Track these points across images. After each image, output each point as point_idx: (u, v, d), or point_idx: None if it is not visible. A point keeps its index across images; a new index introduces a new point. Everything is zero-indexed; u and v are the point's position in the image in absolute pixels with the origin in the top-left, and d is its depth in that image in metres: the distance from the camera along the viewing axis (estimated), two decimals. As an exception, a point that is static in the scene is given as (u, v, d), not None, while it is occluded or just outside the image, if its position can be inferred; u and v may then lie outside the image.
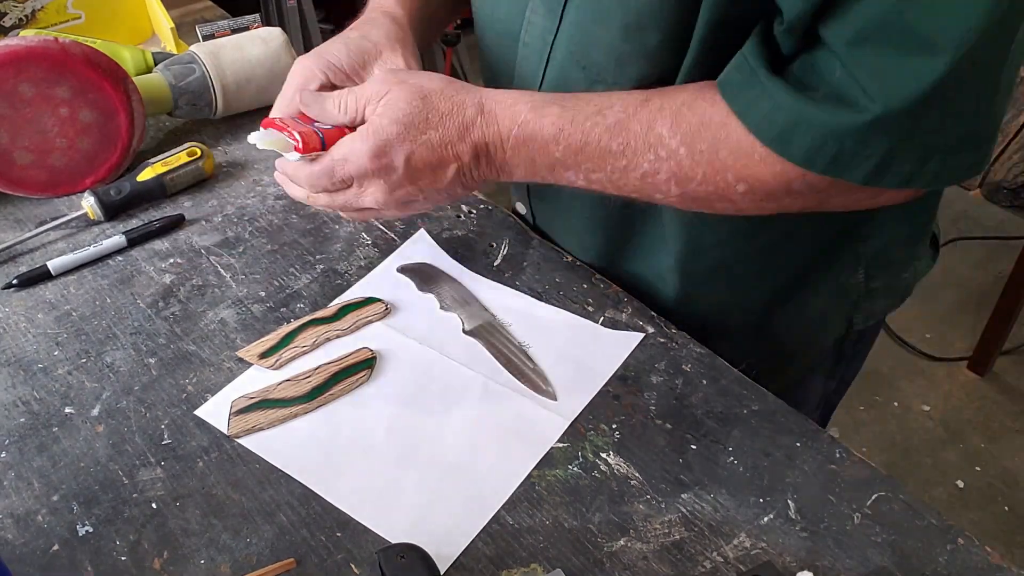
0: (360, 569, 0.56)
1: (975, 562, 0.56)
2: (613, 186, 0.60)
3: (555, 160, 0.60)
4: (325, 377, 0.67)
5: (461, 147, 0.61)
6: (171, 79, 0.90)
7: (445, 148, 0.60)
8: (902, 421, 1.91)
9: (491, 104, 0.61)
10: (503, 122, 0.60)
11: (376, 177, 0.61)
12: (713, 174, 0.56)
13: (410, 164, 0.60)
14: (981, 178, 2.45)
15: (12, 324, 0.72)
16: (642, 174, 0.58)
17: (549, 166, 0.61)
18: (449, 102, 0.60)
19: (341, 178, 0.62)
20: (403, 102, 0.60)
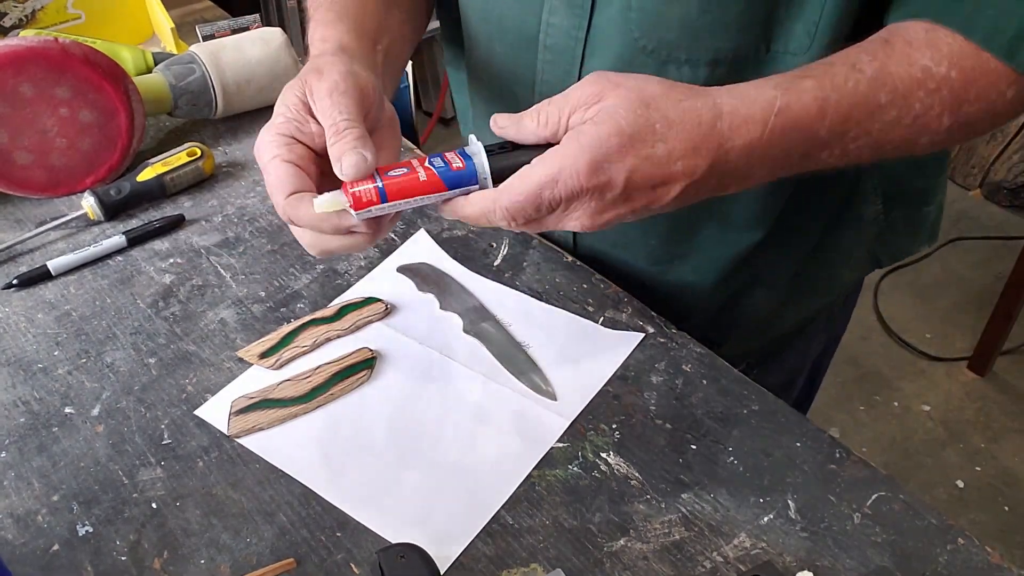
0: (360, 569, 0.56)
1: (975, 562, 0.56)
2: (874, 149, 0.54)
3: (818, 141, 0.53)
4: (325, 377, 0.67)
5: (694, 162, 0.51)
6: (171, 79, 0.90)
7: (674, 164, 0.50)
8: (902, 421, 1.91)
9: (731, 101, 0.51)
10: (753, 119, 0.51)
11: (589, 198, 0.51)
12: (986, 87, 0.52)
13: (631, 182, 0.50)
14: (981, 178, 2.45)
15: (12, 324, 0.72)
16: (914, 117, 0.52)
17: (805, 152, 0.53)
18: (679, 109, 0.51)
19: (549, 202, 0.51)
20: (623, 109, 0.50)
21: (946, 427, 1.89)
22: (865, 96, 0.52)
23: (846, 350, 2.06)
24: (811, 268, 0.79)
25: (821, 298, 0.84)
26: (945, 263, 2.28)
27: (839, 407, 1.94)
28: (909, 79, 0.52)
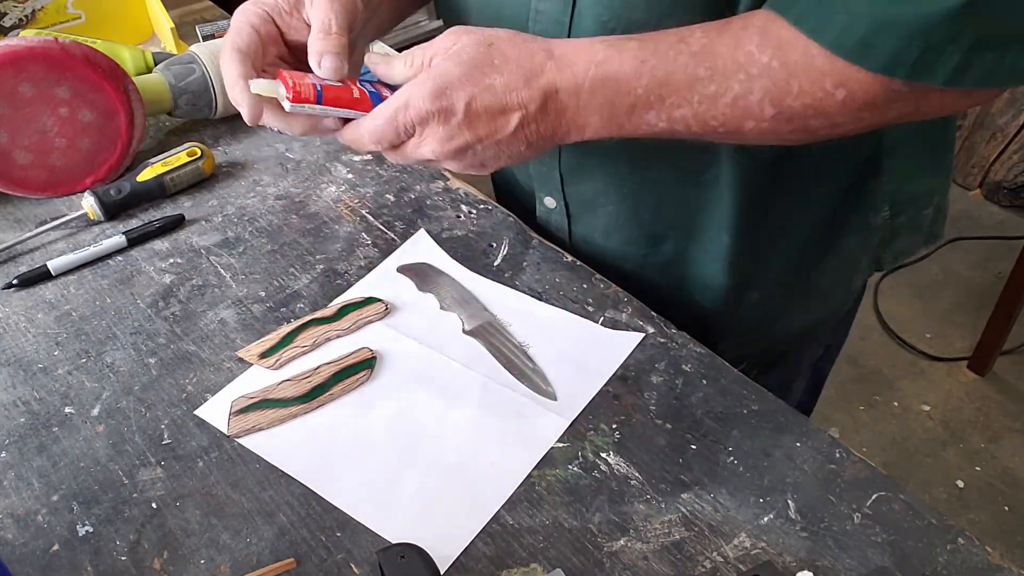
0: (360, 569, 0.56)
1: (975, 562, 0.56)
2: (698, 122, 0.56)
3: (636, 99, 0.56)
4: (325, 377, 0.67)
5: (527, 93, 0.56)
6: (171, 79, 0.90)
7: (509, 94, 0.56)
8: (902, 421, 1.91)
9: (563, 48, 0.57)
10: (578, 64, 0.56)
11: (436, 122, 0.57)
12: (810, 84, 0.53)
13: (470, 109, 0.56)
14: (981, 178, 2.45)
15: (12, 324, 0.72)
16: (733, 98, 0.55)
17: (629, 108, 0.57)
18: (517, 48, 0.57)
19: (404, 125, 0.58)
20: (469, 47, 0.57)
21: (946, 427, 1.89)
22: (685, 66, 0.55)
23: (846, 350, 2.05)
24: (815, 274, 0.79)
25: (827, 304, 0.84)
26: (945, 263, 2.28)
27: (839, 407, 1.94)
28: (732, 60, 0.54)
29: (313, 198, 0.85)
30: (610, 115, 0.58)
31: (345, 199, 0.85)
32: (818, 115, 0.54)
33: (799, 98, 0.54)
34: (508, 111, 0.57)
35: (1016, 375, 2.00)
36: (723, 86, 0.55)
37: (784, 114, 0.55)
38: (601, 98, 0.57)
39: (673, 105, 0.56)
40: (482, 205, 0.84)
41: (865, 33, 0.50)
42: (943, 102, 0.54)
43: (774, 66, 0.53)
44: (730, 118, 0.56)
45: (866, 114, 0.54)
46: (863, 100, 0.53)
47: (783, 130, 0.56)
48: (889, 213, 0.76)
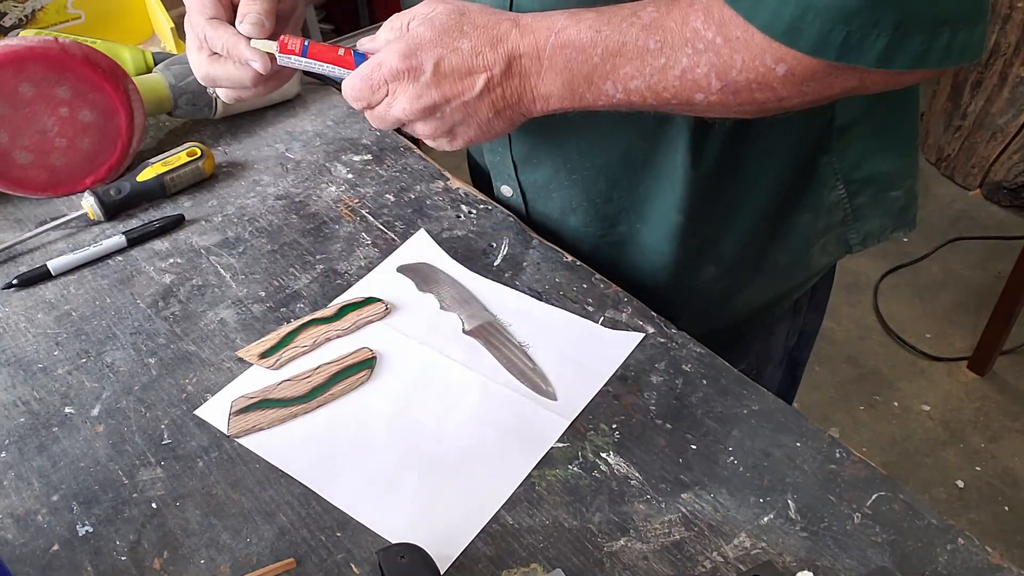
0: (360, 569, 0.56)
1: (975, 562, 0.56)
2: (652, 93, 0.60)
3: (593, 67, 0.60)
4: (325, 377, 0.67)
5: (492, 56, 0.61)
6: (171, 79, 0.90)
7: (475, 56, 0.61)
8: (902, 421, 1.91)
9: (527, 18, 0.61)
10: (539, 31, 0.60)
11: (406, 80, 0.62)
12: (751, 59, 0.56)
13: (439, 69, 0.61)
14: (981, 178, 2.45)
15: (12, 324, 0.72)
16: (681, 71, 0.58)
17: (587, 76, 0.60)
18: (486, 16, 0.61)
19: (377, 82, 0.62)
20: (442, 14, 0.61)
21: (946, 427, 1.89)
22: (636, 38, 0.59)
23: (846, 350, 2.07)
24: (771, 250, 0.80)
25: (787, 281, 0.86)
26: (945, 263, 2.28)
27: (839, 407, 1.94)
28: (679, 35, 0.58)
29: (313, 198, 0.85)
30: (570, 82, 0.61)
31: (345, 199, 0.85)
32: (762, 88, 0.57)
33: (743, 72, 0.57)
34: (474, 72, 0.61)
35: (1016, 375, 2.00)
36: (672, 59, 0.58)
37: (730, 87, 0.57)
38: (561, 63, 0.60)
39: (627, 76, 0.60)
40: (482, 205, 0.84)
41: (792, 16, 0.53)
42: (887, 78, 0.56)
43: (718, 42, 0.56)
44: (680, 90, 0.59)
45: (809, 88, 0.57)
46: (803, 75, 0.56)
47: (731, 103, 0.59)
48: (845, 192, 0.78)
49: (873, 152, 0.76)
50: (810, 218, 0.79)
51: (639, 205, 0.77)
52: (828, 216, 0.79)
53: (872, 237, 0.83)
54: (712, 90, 0.58)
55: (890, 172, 0.79)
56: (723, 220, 0.77)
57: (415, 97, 0.62)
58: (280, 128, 0.95)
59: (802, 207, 0.78)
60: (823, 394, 1.96)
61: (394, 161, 0.90)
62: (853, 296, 2.18)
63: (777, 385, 0.96)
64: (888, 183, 0.79)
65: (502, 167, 0.81)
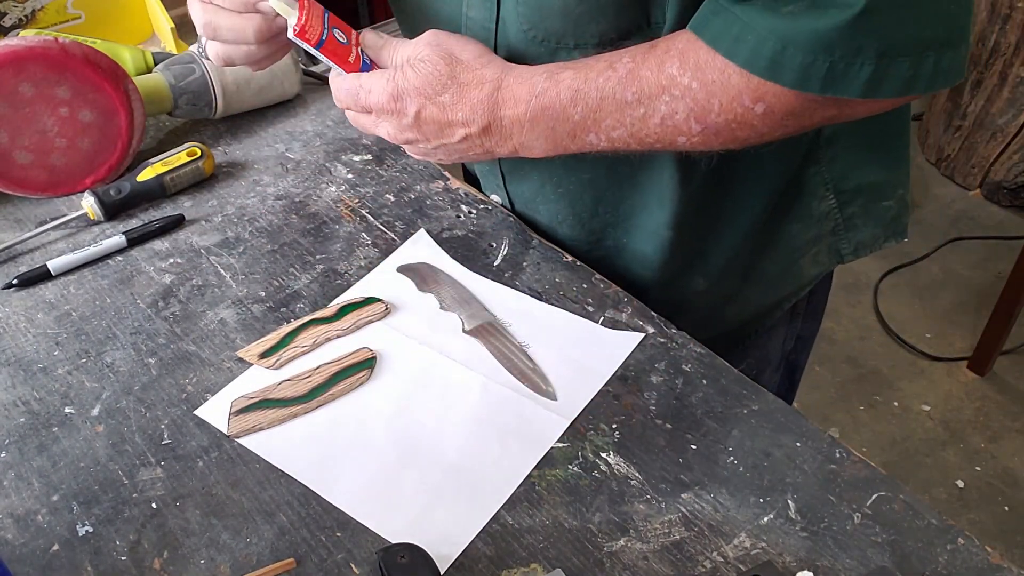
0: (360, 569, 0.56)
1: (975, 562, 0.56)
2: (635, 139, 0.61)
3: (575, 124, 0.62)
4: (325, 377, 0.67)
5: (472, 117, 0.63)
6: (171, 79, 0.90)
7: (455, 112, 0.63)
8: (902, 421, 1.91)
9: (509, 81, 0.63)
10: (520, 98, 0.62)
11: (390, 115, 0.65)
12: (729, 101, 0.56)
13: (420, 117, 0.64)
14: (981, 178, 2.45)
15: (12, 324, 0.72)
16: (661, 118, 0.59)
17: (570, 133, 0.62)
18: (471, 75, 0.63)
19: (362, 105, 0.66)
20: (430, 63, 0.63)
21: (946, 427, 1.89)
22: (614, 91, 0.60)
23: (846, 350, 2.07)
24: (760, 260, 0.80)
25: (778, 291, 0.85)
26: (945, 263, 2.28)
27: (839, 407, 1.94)
28: (656, 83, 0.58)
29: (313, 198, 0.85)
30: (552, 139, 0.63)
31: (345, 199, 0.85)
32: (743, 127, 0.58)
33: (721, 114, 0.57)
34: (453, 125, 0.64)
35: (1016, 375, 2.00)
36: (650, 108, 0.59)
37: (710, 129, 0.58)
38: (542, 126, 0.63)
39: (609, 127, 0.61)
40: (482, 205, 0.84)
41: (773, 51, 0.53)
42: (867, 105, 0.56)
43: (694, 87, 0.57)
44: (662, 135, 0.60)
45: (790, 122, 0.57)
46: (783, 112, 0.56)
47: (714, 142, 0.60)
48: (836, 202, 0.78)
49: (863, 162, 0.76)
50: (799, 228, 0.79)
51: (625, 220, 0.77)
52: (818, 226, 0.79)
53: (864, 247, 0.83)
54: (693, 133, 0.59)
55: (880, 182, 0.79)
56: (712, 232, 0.77)
57: (397, 131, 0.66)
58: (280, 128, 0.95)
59: (791, 217, 0.78)
60: (823, 394, 1.96)
61: (394, 161, 0.90)
62: (853, 296, 2.18)
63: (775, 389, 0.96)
64: (879, 193, 0.79)
65: (491, 176, 0.82)
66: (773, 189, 0.75)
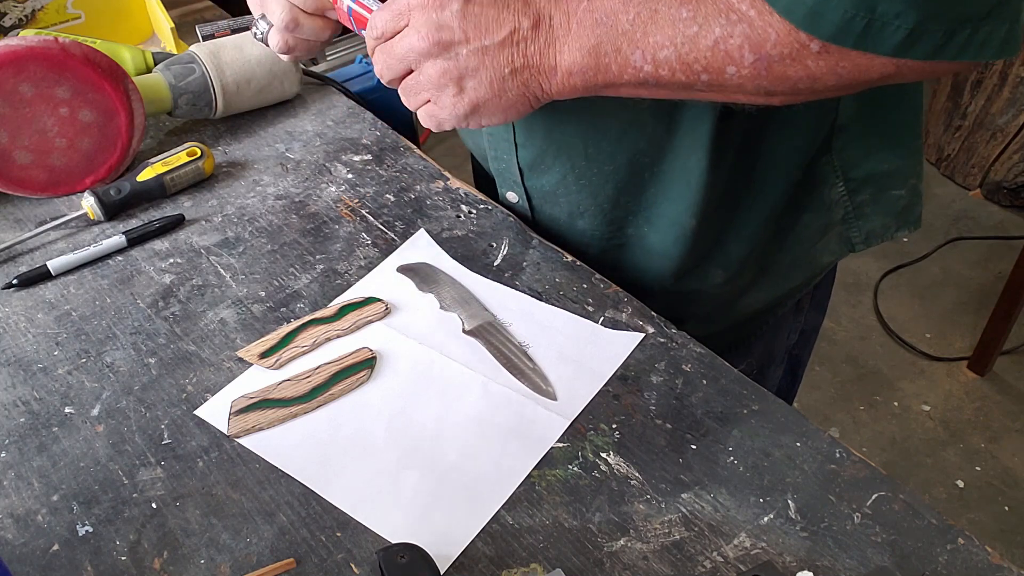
0: (360, 569, 0.56)
1: (975, 562, 0.56)
2: (682, 65, 0.57)
3: (622, 33, 0.58)
4: (325, 377, 0.67)
5: (523, 9, 0.59)
6: (171, 79, 0.90)
7: (506, 6, 0.59)
8: (902, 421, 1.91)
9: None
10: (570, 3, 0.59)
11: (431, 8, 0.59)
12: (786, 33, 0.54)
13: (467, 5, 0.59)
14: (981, 178, 2.45)
15: (12, 324, 0.72)
16: (714, 40, 0.56)
17: (615, 42, 0.58)
18: None
19: (402, 9, 0.60)
20: None
21: (946, 427, 1.89)
22: (669, 5, 0.57)
23: (846, 350, 2.07)
24: (774, 250, 0.80)
25: (790, 280, 0.86)
26: (945, 263, 2.28)
27: (839, 407, 1.94)
28: (713, 5, 0.56)
29: (313, 198, 0.85)
30: (596, 48, 0.58)
31: (345, 199, 0.85)
32: (796, 64, 0.55)
33: (777, 46, 0.55)
34: (501, 19, 0.59)
35: (1016, 375, 2.00)
36: (705, 27, 0.56)
37: (763, 60, 0.55)
38: (589, 26, 0.58)
39: (657, 45, 0.57)
40: (482, 205, 0.84)
41: (816, 1, 0.51)
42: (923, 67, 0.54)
43: (752, 14, 0.55)
44: (712, 61, 0.56)
45: (845, 69, 0.55)
46: (838, 50, 0.54)
47: (763, 78, 0.57)
48: (845, 190, 0.78)
49: (873, 150, 0.76)
50: (811, 217, 0.79)
51: (647, 209, 0.77)
52: (829, 214, 0.79)
53: (875, 236, 0.82)
54: (745, 63, 0.56)
55: (890, 170, 0.79)
56: (731, 222, 0.77)
57: (435, 27, 0.59)
58: (280, 128, 0.95)
59: (804, 206, 0.78)
60: (823, 394, 1.96)
61: (394, 161, 0.90)
62: (853, 296, 2.18)
63: (778, 384, 0.97)
64: (889, 181, 0.79)
65: (508, 174, 0.81)
66: (791, 177, 0.75)
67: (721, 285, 0.82)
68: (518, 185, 0.81)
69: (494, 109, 0.62)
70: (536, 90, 0.61)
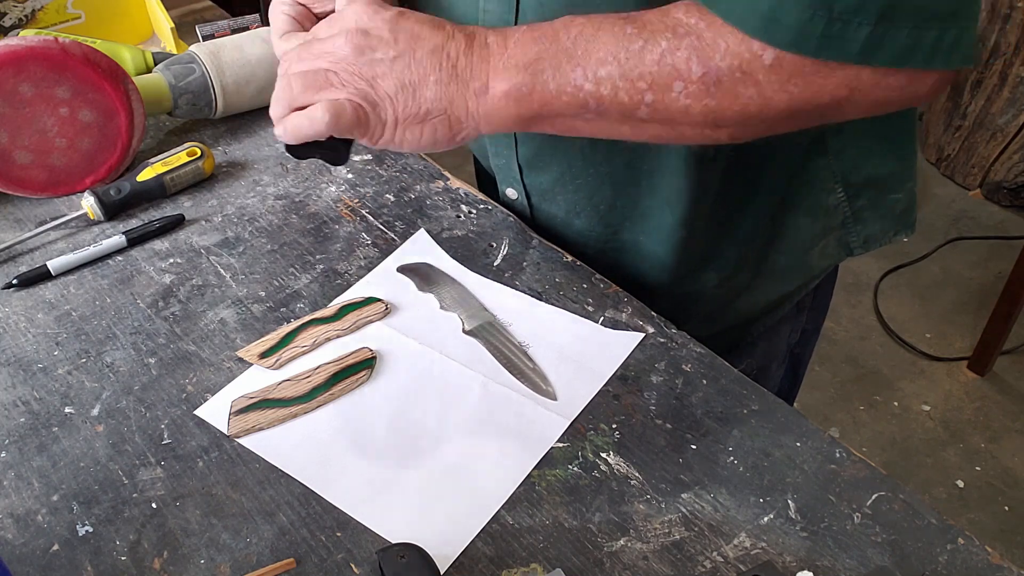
0: (360, 569, 0.56)
1: (975, 562, 0.56)
2: (626, 82, 0.55)
3: (564, 52, 0.55)
4: (325, 377, 0.67)
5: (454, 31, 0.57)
6: (171, 79, 0.90)
7: (442, 24, 0.57)
8: (902, 421, 1.91)
9: None
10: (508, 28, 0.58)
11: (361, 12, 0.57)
12: (738, 43, 0.52)
13: (403, 14, 0.57)
14: (981, 178, 2.45)
15: (12, 324, 0.72)
16: (660, 53, 0.53)
17: (554, 59, 0.55)
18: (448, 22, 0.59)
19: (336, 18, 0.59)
20: None
21: (946, 427, 1.89)
22: (613, 24, 0.55)
23: (846, 350, 2.07)
24: (770, 254, 0.80)
25: (787, 283, 0.86)
26: (945, 263, 2.28)
27: (839, 407, 1.94)
28: (659, 22, 0.54)
29: (313, 198, 0.85)
30: (533, 70, 0.56)
31: (345, 199, 0.85)
32: (746, 80, 0.53)
33: (727, 57, 0.53)
34: (434, 34, 0.57)
35: (1016, 375, 2.00)
36: (650, 42, 0.54)
37: (712, 74, 0.53)
38: (526, 47, 0.56)
39: (600, 60, 0.55)
40: (482, 205, 0.84)
41: (770, 5, 0.50)
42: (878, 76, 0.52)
43: (701, 26, 0.53)
44: (658, 78, 0.54)
45: (796, 85, 0.53)
46: (791, 64, 0.52)
47: (711, 100, 0.54)
48: (845, 195, 0.78)
49: (871, 154, 0.76)
50: (809, 221, 0.79)
51: (642, 216, 0.76)
52: (827, 219, 0.79)
53: (874, 240, 0.82)
54: (693, 77, 0.53)
55: (889, 174, 0.79)
56: (724, 230, 0.77)
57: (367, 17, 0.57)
58: (280, 128, 0.95)
59: (801, 211, 0.78)
60: (823, 394, 1.96)
61: (394, 161, 0.90)
62: (853, 296, 2.18)
63: (779, 383, 0.97)
64: (888, 186, 0.79)
65: (507, 170, 0.81)
66: (784, 182, 0.75)
67: (717, 288, 0.82)
68: (517, 182, 0.81)
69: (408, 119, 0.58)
70: (460, 109, 0.58)
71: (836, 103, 0.54)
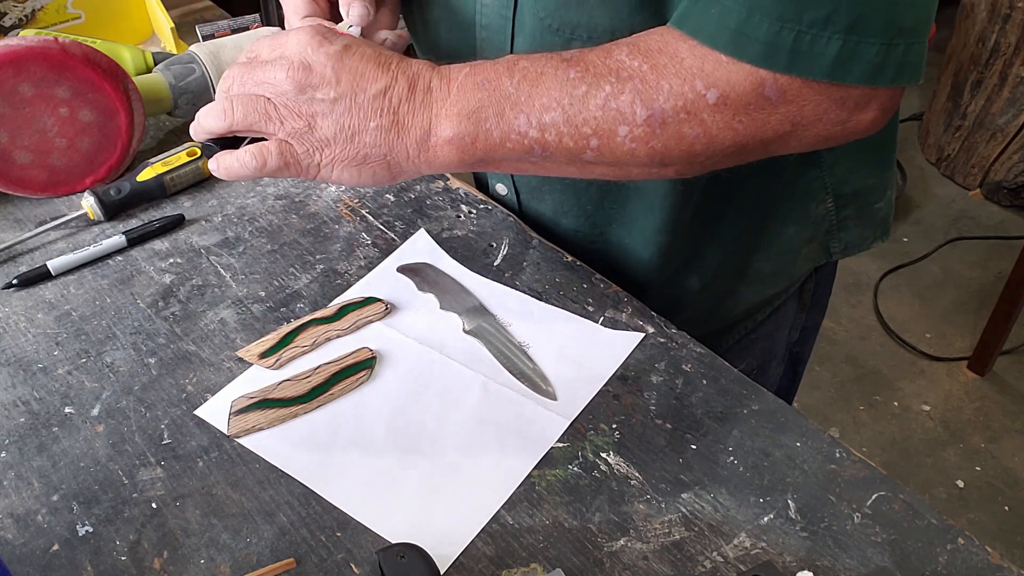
0: (360, 569, 0.56)
1: (975, 562, 0.56)
2: (570, 128, 0.55)
3: (506, 98, 0.55)
4: (325, 377, 0.67)
5: (400, 72, 0.56)
6: (171, 79, 0.90)
7: (387, 62, 0.57)
8: (902, 421, 1.91)
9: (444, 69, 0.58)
10: (453, 69, 0.58)
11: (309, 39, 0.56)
12: (680, 84, 0.53)
13: (348, 50, 0.56)
14: (981, 178, 2.45)
15: (12, 324, 0.72)
16: (604, 98, 0.54)
17: (497, 105, 0.55)
18: None
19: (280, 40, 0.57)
20: None
21: (946, 427, 1.89)
22: (556, 68, 0.55)
23: (846, 350, 2.07)
24: (755, 260, 0.81)
25: (771, 287, 0.86)
26: (945, 263, 2.28)
27: (839, 407, 1.94)
28: (603, 65, 0.54)
29: (313, 198, 0.85)
30: (477, 115, 0.56)
31: (345, 199, 0.85)
32: (691, 119, 0.53)
33: (670, 99, 0.53)
34: (378, 76, 0.56)
35: (1016, 375, 2.00)
36: (594, 87, 0.54)
37: (656, 117, 0.54)
38: (471, 90, 0.56)
39: (543, 107, 0.55)
40: (482, 205, 0.84)
41: (738, 20, 0.50)
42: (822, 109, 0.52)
43: (644, 69, 0.54)
44: (602, 122, 0.55)
45: (741, 123, 0.53)
46: (736, 102, 0.52)
47: (656, 142, 0.54)
48: (834, 206, 0.79)
49: (860, 166, 0.77)
50: (796, 229, 0.79)
51: (628, 218, 0.77)
52: (814, 227, 0.80)
53: (853, 247, 0.84)
54: (637, 120, 0.54)
55: (874, 185, 0.80)
56: (707, 236, 0.78)
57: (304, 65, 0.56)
58: (280, 128, 0.95)
59: (789, 220, 0.78)
60: (823, 394, 1.96)
61: (394, 161, 0.90)
62: (853, 296, 2.18)
63: (779, 381, 0.97)
64: (872, 195, 0.81)
65: None
66: (770, 192, 0.76)
67: (699, 292, 0.82)
68: (507, 177, 0.82)
69: (344, 161, 0.58)
70: (400, 155, 0.57)
71: (780, 137, 0.54)
